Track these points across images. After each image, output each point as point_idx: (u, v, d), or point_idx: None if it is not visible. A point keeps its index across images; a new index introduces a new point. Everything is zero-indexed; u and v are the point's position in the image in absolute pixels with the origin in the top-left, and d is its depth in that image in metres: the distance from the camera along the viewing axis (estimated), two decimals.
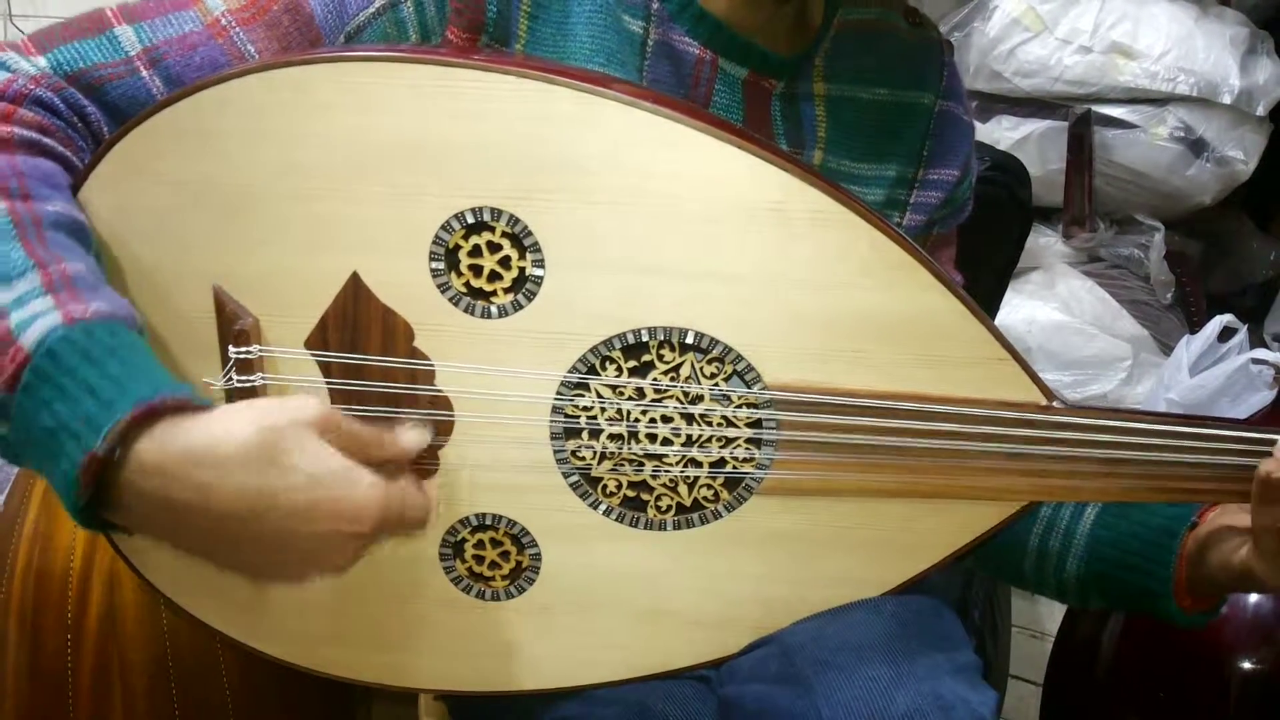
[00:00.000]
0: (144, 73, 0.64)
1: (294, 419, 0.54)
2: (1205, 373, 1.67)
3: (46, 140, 0.62)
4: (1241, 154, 1.87)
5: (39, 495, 0.98)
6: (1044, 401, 0.68)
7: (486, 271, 0.65)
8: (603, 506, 0.70)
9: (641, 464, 0.69)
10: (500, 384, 0.67)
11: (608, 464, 0.69)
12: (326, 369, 0.67)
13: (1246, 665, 1.12)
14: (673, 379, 0.67)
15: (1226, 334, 1.72)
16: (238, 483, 0.52)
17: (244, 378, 0.66)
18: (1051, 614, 1.64)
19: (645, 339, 0.66)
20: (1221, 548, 0.72)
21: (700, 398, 0.68)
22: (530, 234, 0.64)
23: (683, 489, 0.70)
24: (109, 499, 0.53)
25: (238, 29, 0.66)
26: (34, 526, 0.97)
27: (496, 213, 0.64)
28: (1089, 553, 0.78)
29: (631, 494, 0.70)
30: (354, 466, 0.55)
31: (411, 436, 0.64)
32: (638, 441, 0.68)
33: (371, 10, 0.67)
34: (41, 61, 0.64)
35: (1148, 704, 1.17)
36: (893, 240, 0.66)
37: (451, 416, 0.67)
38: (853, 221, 0.65)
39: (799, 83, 0.76)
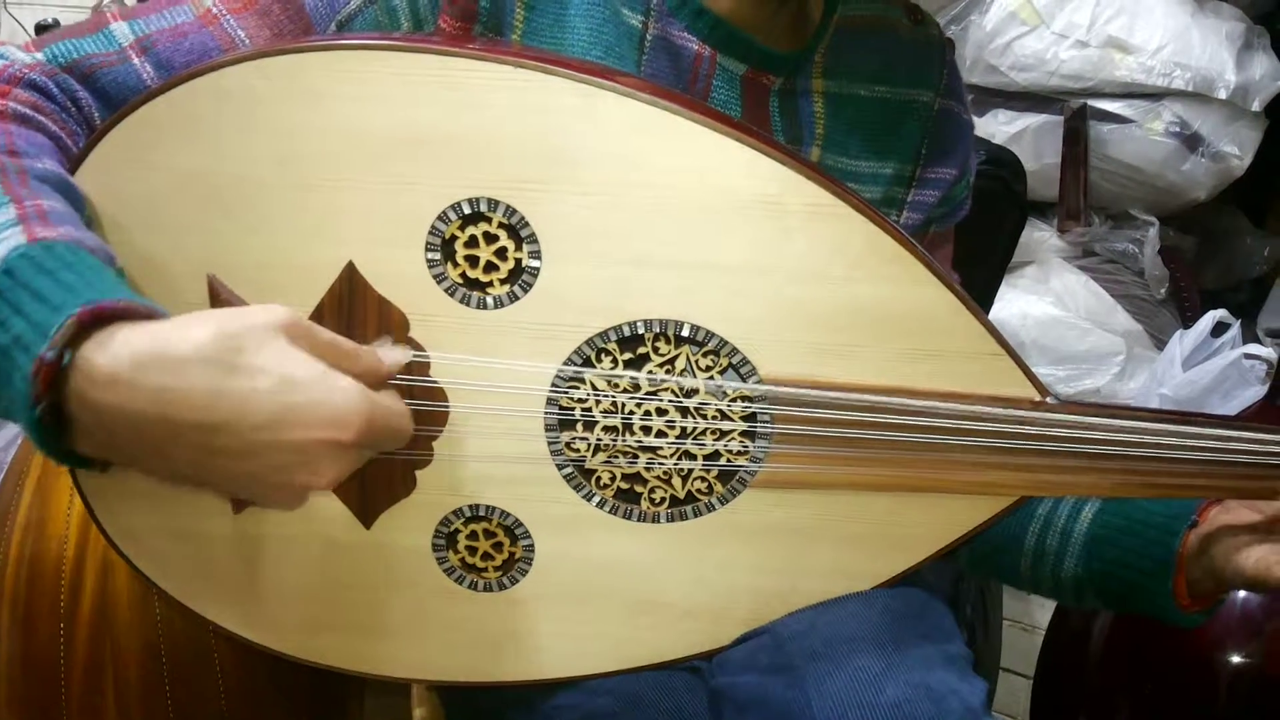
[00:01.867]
0: (135, 60, 0.65)
1: (257, 321, 0.50)
2: (1198, 368, 1.67)
3: (40, 118, 0.62)
4: (1236, 149, 1.88)
5: (32, 483, 0.98)
6: (1037, 397, 0.68)
7: (483, 262, 0.65)
8: (596, 498, 0.70)
9: (636, 456, 0.69)
10: (495, 375, 0.67)
11: (602, 456, 0.69)
12: None
13: (1235, 659, 1.13)
14: (668, 372, 0.68)
15: (1220, 329, 1.73)
16: (198, 387, 0.48)
17: None
18: (1042, 607, 1.65)
19: (641, 331, 0.66)
20: (1229, 551, 0.71)
21: (695, 391, 0.68)
22: (527, 225, 0.64)
23: (676, 481, 0.70)
24: (66, 417, 0.49)
25: (229, 17, 0.66)
26: (27, 514, 0.97)
27: (493, 203, 0.64)
28: (1087, 552, 0.78)
29: (625, 486, 0.70)
30: (330, 371, 0.51)
31: (393, 354, 0.59)
32: (632, 434, 0.68)
33: None
34: (38, 54, 0.65)
35: (1137, 697, 1.17)
36: (888, 234, 0.66)
37: (446, 407, 0.67)
38: (848, 215, 0.65)
39: (798, 79, 0.76)
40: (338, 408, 0.50)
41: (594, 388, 0.67)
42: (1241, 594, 1.14)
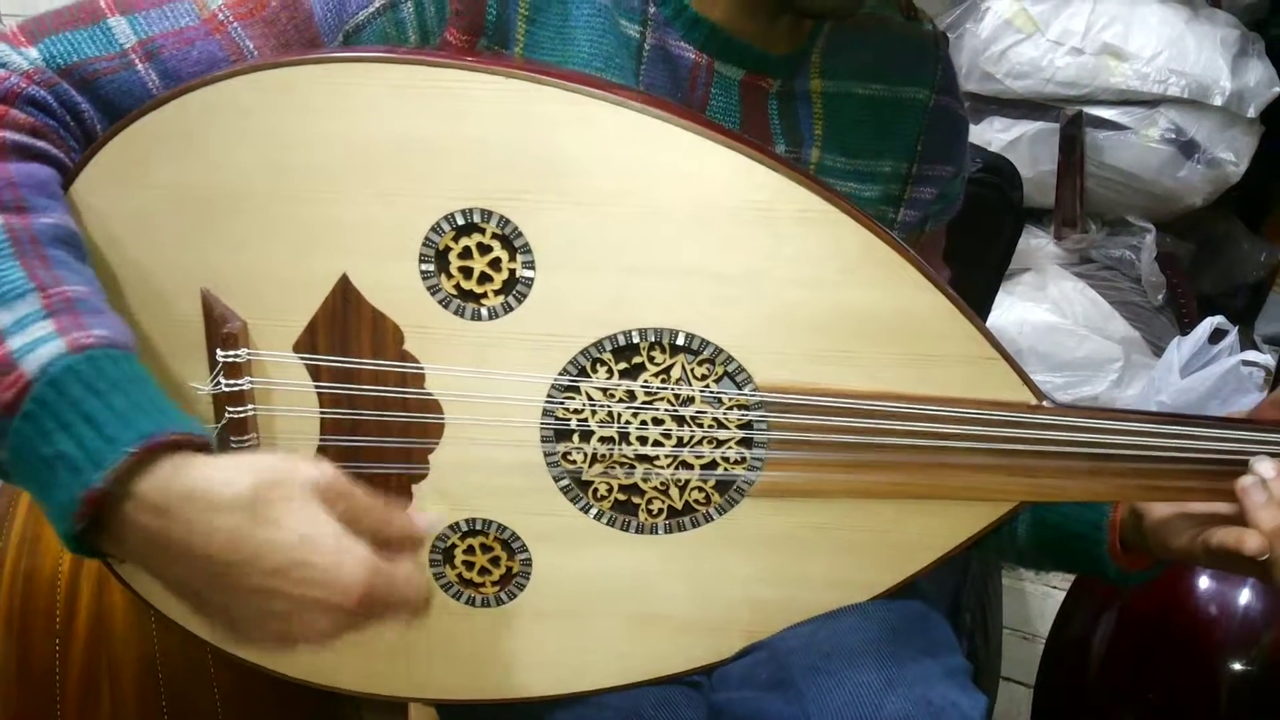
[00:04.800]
0: (139, 66, 0.63)
1: (296, 477, 0.52)
2: (1196, 374, 1.67)
3: (40, 144, 0.61)
4: (1232, 156, 1.88)
5: (27, 498, 0.98)
6: (1033, 401, 0.68)
7: (477, 273, 0.65)
8: (594, 510, 0.69)
9: (633, 467, 0.69)
10: (490, 387, 0.66)
11: (599, 467, 0.68)
12: (315, 372, 0.66)
13: (1236, 666, 1.12)
14: (663, 381, 0.67)
15: (1217, 336, 1.73)
16: (224, 528, 0.51)
17: (232, 381, 0.65)
18: (1043, 616, 1.65)
19: (636, 340, 0.66)
20: (1156, 521, 0.73)
21: (691, 400, 0.68)
22: (520, 235, 0.64)
23: (674, 492, 0.69)
24: (103, 529, 0.52)
25: (235, 24, 0.65)
26: (22, 529, 0.97)
27: (487, 214, 0.64)
28: (1034, 519, 0.81)
29: (622, 497, 0.69)
30: (346, 537, 0.52)
31: (427, 518, 0.59)
32: (629, 444, 0.68)
33: (371, 10, 0.66)
34: (33, 53, 0.62)
35: (1138, 705, 1.17)
36: (881, 239, 0.65)
37: (441, 420, 0.67)
38: (841, 220, 0.65)
39: (795, 80, 0.76)
40: (340, 575, 0.52)
41: (590, 398, 0.67)
42: (1242, 602, 1.14)
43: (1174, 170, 1.88)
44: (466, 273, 0.65)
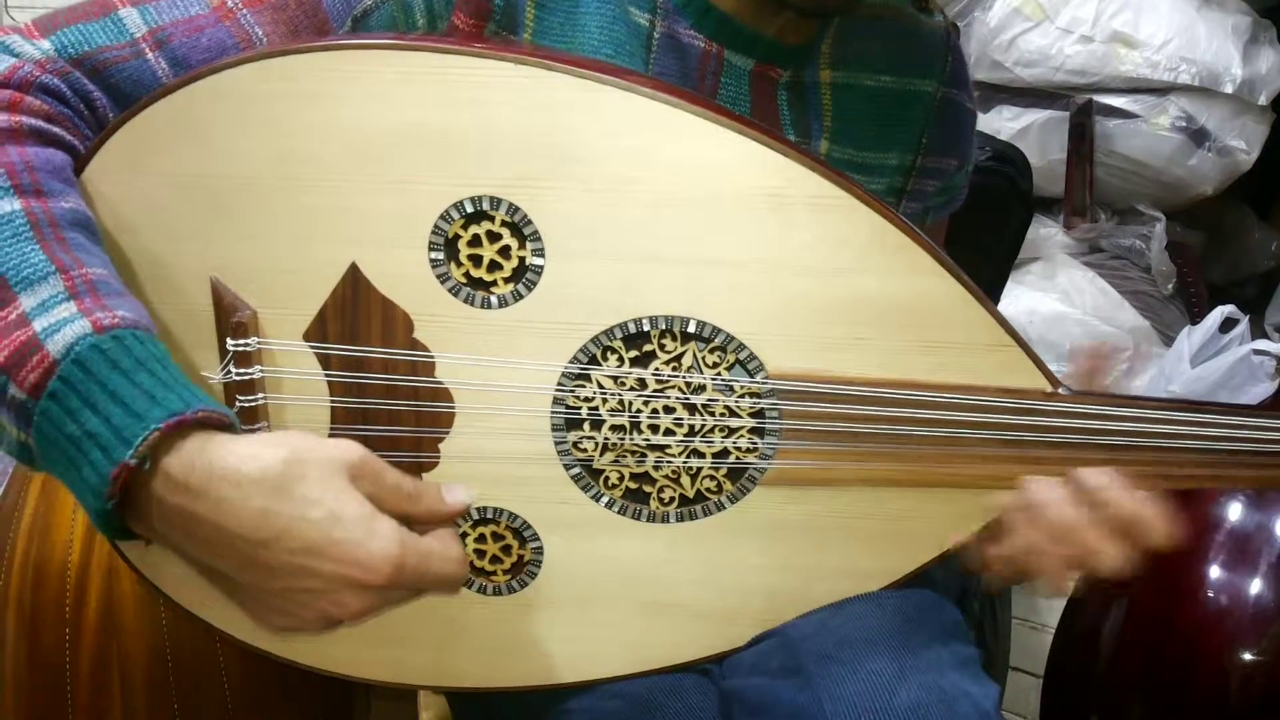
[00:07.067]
0: (149, 55, 0.63)
1: (327, 456, 0.53)
2: (1206, 364, 1.67)
3: (54, 129, 0.61)
4: (1243, 144, 1.87)
5: (37, 487, 0.98)
6: (1048, 388, 0.68)
7: (486, 261, 0.65)
8: (605, 499, 0.69)
9: (644, 455, 0.68)
10: (501, 375, 0.66)
11: (610, 455, 0.68)
12: (325, 361, 0.66)
13: (1247, 657, 1.12)
14: (675, 369, 0.67)
15: (1228, 325, 1.72)
16: (253, 505, 0.51)
17: (242, 370, 0.65)
18: (1051, 606, 1.64)
19: (646, 328, 0.66)
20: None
21: (702, 387, 0.67)
22: (530, 223, 0.64)
23: (685, 480, 0.69)
24: (133, 508, 0.52)
25: (244, 11, 0.65)
26: (32, 519, 0.97)
27: (496, 201, 0.64)
28: None
29: (634, 486, 0.69)
30: (376, 515, 0.53)
31: (458, 495, 0.59)
32: (640, 432, 0.68)
33: None
34: (45, 44, 0.63)
35: (1148, 696, 1.17)
36: (894, 225, 0.65)
37: (452, 408, 0.67)
38: (853, 206, 0.64)
39: (805, 71, 0.76)
40: (369, 551, 0.52)
41: (600, 386, 0.67)
42: (1253, 592, 1.14)
43: (1184, 159, 1.87)
44: (476, 260, 0.65)
